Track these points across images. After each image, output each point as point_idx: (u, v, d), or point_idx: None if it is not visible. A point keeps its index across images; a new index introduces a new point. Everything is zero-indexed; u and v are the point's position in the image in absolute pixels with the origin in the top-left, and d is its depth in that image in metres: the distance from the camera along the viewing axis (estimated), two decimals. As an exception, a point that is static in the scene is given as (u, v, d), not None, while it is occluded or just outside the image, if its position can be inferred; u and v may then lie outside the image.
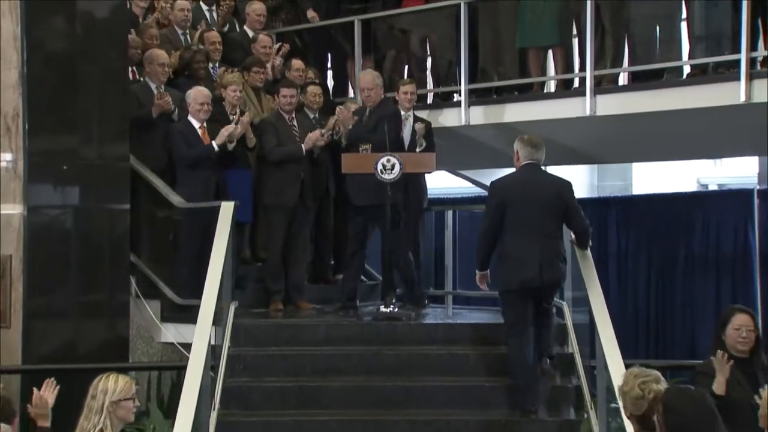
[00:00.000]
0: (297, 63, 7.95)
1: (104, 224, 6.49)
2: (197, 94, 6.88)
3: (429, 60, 8.53)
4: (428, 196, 7.68)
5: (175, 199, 6.72)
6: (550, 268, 5.67)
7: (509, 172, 6.12)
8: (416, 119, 7.46)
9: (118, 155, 6.62)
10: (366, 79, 6.79)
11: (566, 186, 5.85)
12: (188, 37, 8.25)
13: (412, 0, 8.42)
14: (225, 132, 6.80)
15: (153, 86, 7.19)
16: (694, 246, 8.98)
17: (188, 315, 6.33)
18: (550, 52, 7.78)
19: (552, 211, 5.72)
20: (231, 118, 7.04)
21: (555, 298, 6.21)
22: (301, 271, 7.22)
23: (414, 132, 7.25)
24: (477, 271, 5.93)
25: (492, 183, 5.96)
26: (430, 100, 8.39)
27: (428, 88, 8.48)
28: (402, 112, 7.46)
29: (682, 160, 11.98)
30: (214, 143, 6.79)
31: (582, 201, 9.27)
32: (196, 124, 6.88)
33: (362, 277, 8.01)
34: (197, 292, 5.72)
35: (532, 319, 5.74)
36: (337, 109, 7.18)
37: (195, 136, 6.84)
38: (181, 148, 6.80)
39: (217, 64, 7.88)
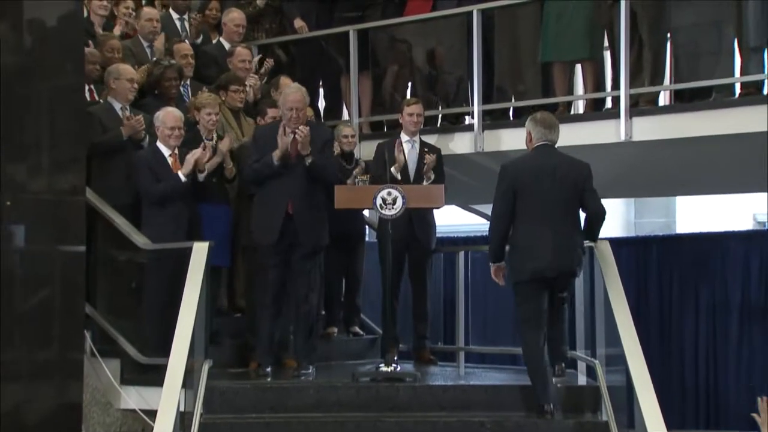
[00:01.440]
0: (284, 80, 7.99)
1: (55, 269, 6.44)
2: (167, 116, 6.90)
3: (436, 76, 8.58)
4: (437, 235, 7.70)
5: (139, 239, 6.72)
6: (565, 257, 6.00)
7: (521, 155, 6.38)
8: (424, 146, 7.52)
9: (72, 188, 6.58)
10: (296, 97, 6.75)
11: (585, 168, 6.15)
12: (153, 49, 8.30)
13: (416, 7, 8.51)
14: (191, 158, 6.79)
15: (118, 107, 7.22)
16: (750, 293, 8.95)
17: (153, 376, 6.26)
18: (578, 67, 7.84)
19: (568, 195, 6.05)
20: (203, 144, 7.04)
21: (586, 356, 6.16)
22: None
23: (422, 162, 7.31)
24: (491, 264, 6.20)
25: (503, 165, 6.23)
26: (437, 123, 8.43)
27: (436, 109, 8.51)
28: (405, 137, 7.48)
29: (735, 193, 11.95)
30: (180, 173, 6.79)
31: (617, 240, 9.36)
32: (165, 152, 6.89)
33: (357, 329, 7.99)
34: (164, 349, 5.67)
35: (547, 312, 6.06)
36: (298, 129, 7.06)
37: (164, 166, 6.84)
38: (145, 182, 6.79)
39: (188, 82, 7.91)
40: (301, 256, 6.73)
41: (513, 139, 7.77)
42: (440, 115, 8.43)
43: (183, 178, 6.78)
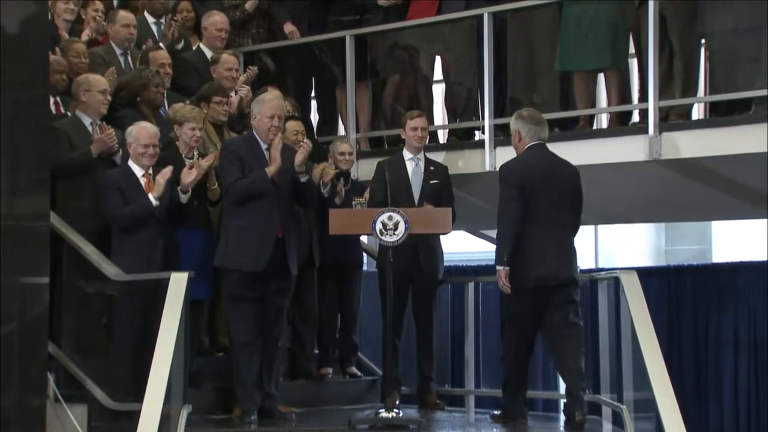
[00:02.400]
0: (272, 92, 7.97)
1: (14, 304, 6.41)
2: (141, 132, 6.89)
3: (443, 87, 8.61)
4: (444, 265, 7.70)
5: (110, 269, 6.69)
6: (566, 264, 6.45)
7: (514, 156, 6.73)
8: (430, 164, 7.52)
9: (35, 212, 6.57)
10: (278, 103, 6.80)
11: (577, 172, 6.63)
12: (129, 58, 8.31)
13: (420, 10, 8.54)
14: (161, 179, 6.79)
15: (87, 121, 7.23)
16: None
17: (125, 424, 6.23)
18: (600, 77, 7.85)
19: (568, 199, 6.51)
20: (187, 163, 7.04)
21: (612, 400, 6.14)
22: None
23: (427, 184, 7.34)
24: (499, 267, 6.45)
25: (506, 165, 6.62)
26: (444, 139, 8.45)
27: (442, 122, 8.51)
28: (408, 155, 7.49)
29: (778, 217, 11.95)
30: (151, 196, 6.78)
31: (646, 270, 9.33)
32: (138, 172, 6.89)
33: (354, 370, 8.00)
34: (137, 393, 5.65)
35: (551, 331, 6.47)
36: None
37: (136, 188, 6.84)
38: (112, 204, 6.78)
39: (164, 93, 7.91)
40: (279, 289, 6.77)
41: None
42: (447, 130, 8.42)
43: (154, 202, 6.77)
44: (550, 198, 6.44)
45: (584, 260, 12.84)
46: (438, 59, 8.65)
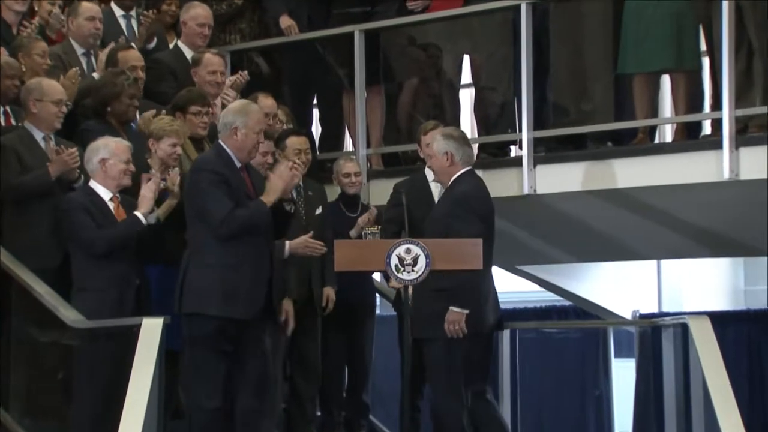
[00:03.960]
0: (264, 100, 7.98)
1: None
2: (119, 147, 6.90)
3: (472, 92, 8.65)
4: None
5: (69, 314, 6.66)
6: (496, 310, 7.09)
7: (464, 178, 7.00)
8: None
9: (-25, 246, 6.63)
10: (263, 117, 6.87)
11: None
12: (93, 59, 8.33)
13: (443, 2, 8.56)
14: (148, 193, 6.80)
15: (39, 136, 7.24)
16: None
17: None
18: (665, 79, 7.85)
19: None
20: (162, 185, 7.01)
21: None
22: (270, 425, 7.16)
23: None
24: (461, 310, 6.81)
25: (477, 192, 6.98)
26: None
27: (470, 135, 8.49)
28: (431, 175, 7.49)
29: None
30: (139, 214, 6.78)
31: (721, 315, 9.28)
32: (105, 195, 6.91)
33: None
34: (100, 464, 5.60)
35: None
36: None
37: (104, 213, 6.85)
38: (83, 227, 6.76)
39: (136, 100, 7.92)
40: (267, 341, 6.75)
41: (575, 177, 7.83)
42: (477, 145, 8.42)
43: (143, 219, 6.77)
44: (492, 234, 6.95)
45: (645, 303, 12.87)
46: (466, 59, 8.67)
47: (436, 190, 7.50)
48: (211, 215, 6.55)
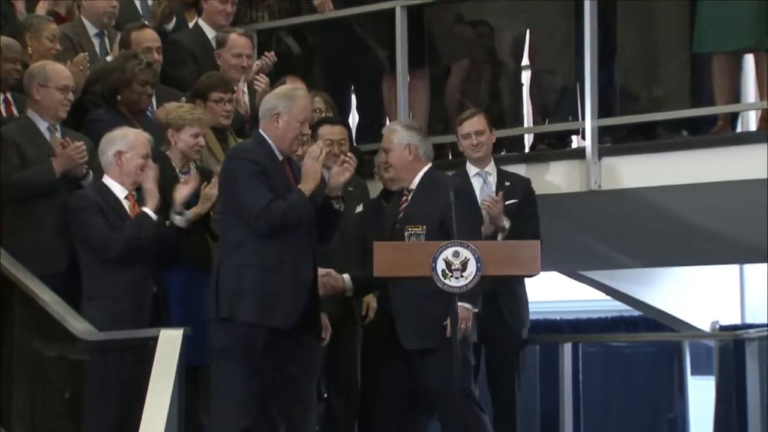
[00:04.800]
0: (294, 84, 7.93)
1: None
2: (139, 140, 6.92)
3: (527, 75, 8.63)
4: (530, 318, 7.73)
5: (78, 325, 6.65)
6: None
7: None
8: (504, 178, 7.57)
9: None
10: (309, 104, 6.86)
11: None
12: (107, 40, 8.35)
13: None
14: (149, 184, 6.82)
15: (43, 126, 7.25)
16: None
17: None
18: (749, 59, 7.80)
19: None
20: (181, 178, 7.08)
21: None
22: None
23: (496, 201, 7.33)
24: (474, 308, 6.79)
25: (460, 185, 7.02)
26: (530, 147, 8.49)
27: (525, 124, 8.45)
28: (472, 169, 7.54)
29: None
30: (147, 209, 6.79)
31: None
32: (119, 192, 6.93)
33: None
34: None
35: None
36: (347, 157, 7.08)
37: (117, 213, 6.87)
38: (96, 228, 6.76)
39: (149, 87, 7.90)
40: (304, 359, 6.75)
41: (646, 171, 7.81)
42: (533, 135, 8.36)
43: (153, 216, 6.78)
44: None
45: (726, 314, 12.77)
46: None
47: (478, 186, 7.52)
48: (247, 208, 6.52)
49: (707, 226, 8.37)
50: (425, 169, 6.98)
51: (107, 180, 6.92)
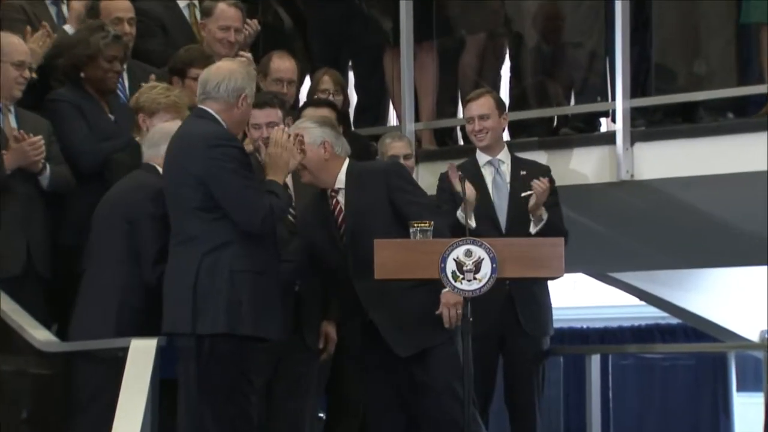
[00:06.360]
0: (282, 62, 8.01)
1: None
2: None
3: (552, 52, 8.63)
4: (553, 326, 7.74)
5: (37, 335, 6.70)
6: None
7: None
8: (520, 167, 7.56)
9: None
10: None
11: None
12: (65, 7, 8.34)
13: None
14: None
15: (-5, 109, 7.32)
16: None
17: None
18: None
19: None
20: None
21: None
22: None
23: (516, 198, 7.37)
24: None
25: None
26: (552, 131, 8.49)
27: (550, 106, 8.51)
28: (483, 158, 7.57)
29: None
30: None
31: None
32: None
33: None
34: None
35: None
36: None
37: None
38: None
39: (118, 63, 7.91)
40: (289, 386, 6.86)
41: (685, 158, 7.82)
42: (555, 117, 8.38)
43: None
44: None
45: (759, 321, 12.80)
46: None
47: (489, 177, 7.53)
48: (250, 209, 6.42)
49: (754, 221, 8.35)
50: (345, 164, 6.89)
51: None
